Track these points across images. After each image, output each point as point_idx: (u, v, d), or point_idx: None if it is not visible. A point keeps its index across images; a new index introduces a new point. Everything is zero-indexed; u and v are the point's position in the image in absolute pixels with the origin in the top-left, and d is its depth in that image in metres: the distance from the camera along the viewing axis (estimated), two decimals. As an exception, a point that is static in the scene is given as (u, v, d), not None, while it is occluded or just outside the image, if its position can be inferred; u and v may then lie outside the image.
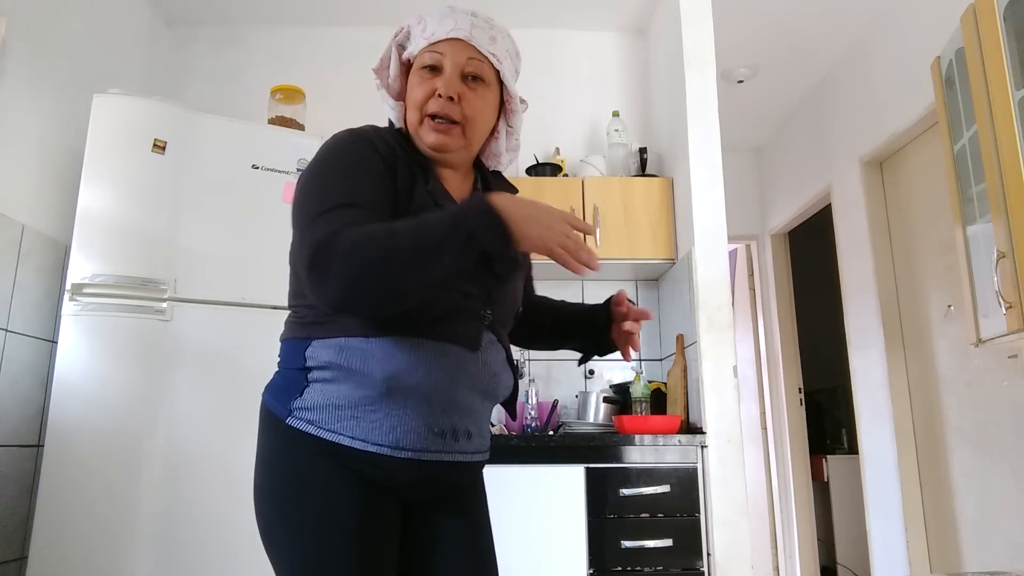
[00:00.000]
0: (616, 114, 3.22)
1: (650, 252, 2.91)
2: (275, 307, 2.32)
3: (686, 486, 2.44)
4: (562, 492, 2.42)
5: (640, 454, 2.46)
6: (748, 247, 4.89)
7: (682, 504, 2.43)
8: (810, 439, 4.49)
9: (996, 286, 2.03)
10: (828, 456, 4.63)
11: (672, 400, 2.80)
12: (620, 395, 2.85)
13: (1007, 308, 1.99)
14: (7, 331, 2.27)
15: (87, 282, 2.21)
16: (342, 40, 3.39)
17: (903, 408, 3.23)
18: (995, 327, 2.11)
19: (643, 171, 3.08)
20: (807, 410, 4.50)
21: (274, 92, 2.92)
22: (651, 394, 2.80)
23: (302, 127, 2.87)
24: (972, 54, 2.13)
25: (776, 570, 4.45)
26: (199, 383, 2.26)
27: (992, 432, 2.71)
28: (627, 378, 3.04)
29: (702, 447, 2.47)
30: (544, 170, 3.07)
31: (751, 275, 4.86)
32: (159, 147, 2.31)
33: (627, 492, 2.42)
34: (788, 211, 4.39)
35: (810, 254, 4.69)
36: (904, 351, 3.28)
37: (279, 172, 2.47)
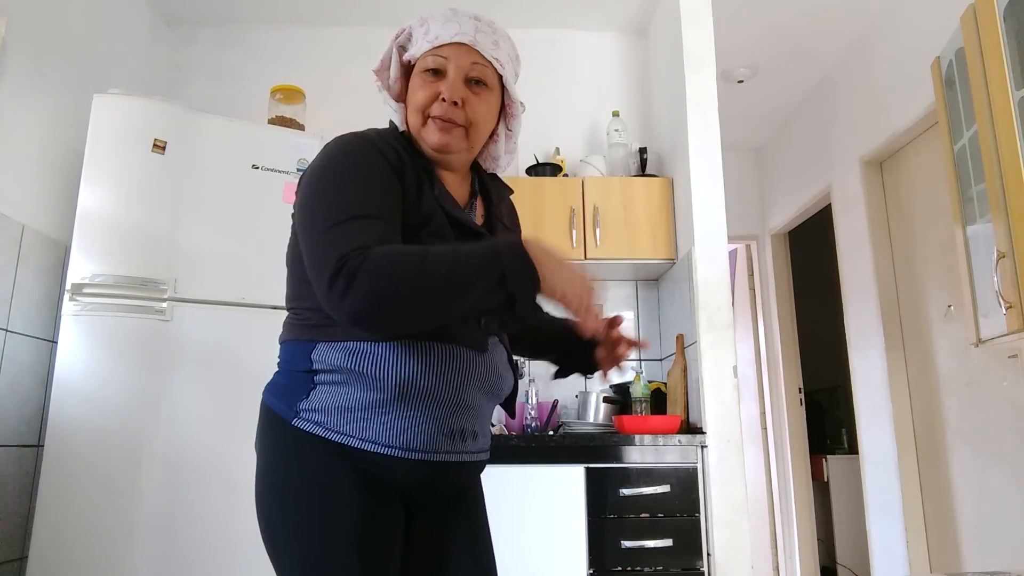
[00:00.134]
0: (616, 114, 3.22)
1: (650, 252, 2.91)
2: (275, 307, 2.32)
3: (686, 486, 2.44)
4: (562, 492, 2.42)
5: (640, 454, 2.46)
6: (748, 247, 4.89)
7: (682, 504, 2.43)
8: (810, 439, 4.49)
9: (996, 286, 2.03)
10: (828, 456, 4.63)
11: (672, 400, 2.80)
12: (620, 395, 2.85)
13: (1007, 308, 1.99)
14: (7, 331, 2.27)
15: (87, 282, 2.21)
16: (342, 40, 3.40)
17: (903, 408, 3.24)
18: (995, 327, 2.11)
19: (643, 171, 3.08)
20: (807, 410, 4.50)
21: (274, 92, 2.92)
22: (651, 394, 2.80)
23: (302, 127, 2.87)
24: (972, 54, 2.13)
25: (776, 570, 4.45)
26: (199, 383, 2.26)
27: (992, 432, 2.71)
28: (627, 378, 3.04)
29: (702, 447, 2.47)
30: (544, 170, 3.07)
31: (751, 275, 4.86)
32: (159, 147, 2.31)
33: (627, 492, 2.42)
34: (788, 211, 4.40)
35: (810, 254, 4.69)
36: (904, 351, 3.28)
37: (279, 172, 2.47)
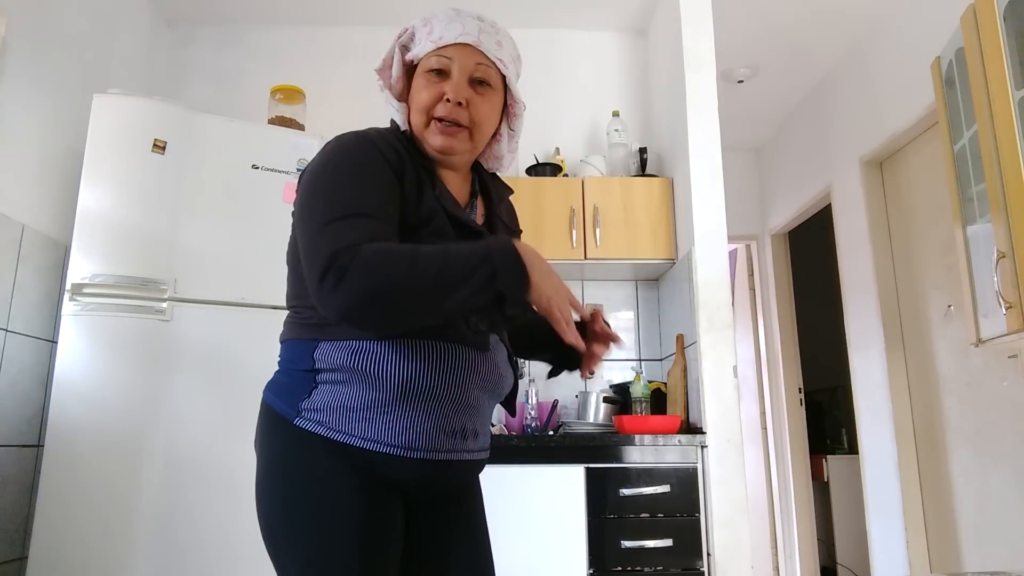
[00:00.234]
0: (616, 114, 3.22)
1: (650, 252, 2.91)
2: (275, 307, 2.32)
3: (686, 486, 2.44)
4: (562, 492, 2.42)
5: (640, 454, 2.46)
6: (748, 247, 4.89)
7: (682, 504, 2.43)
8: (810, 439, 4.49)
9: (996, 286, 2.03)
10: (828, 456, 4.63)
11: (672, 400, 2.80)
12: (620, 395, 2.85)
13: (1007, 308, 1.99)
14: (7, 331, 2.27)
15: (87, 282, 2.21)
16: (342, 40, 3.39)
17: (903, 408, 3.24)
18: (995, 327, 2.11)
19: (643, 171, 3.08)
20: (807, 410, 4.50)
21: (274, 92, 2.92)
22: (651, 394, 2.80)
23: (302, 127, 2.87)
24: (972, 54, 2.13)
25: (776, 570, 4.45)
26: (199, 383, 2.26)
27: (992, 432, 2.71)
28: (627, 378, 3.04)
29: (702, 447, 2.48)
30: (544, 170, 3.07)
31: (751, 275, 4.86)
32: (159, 147, 2.31)
33: (627, 492, 2.42)
34: (788, 211, 4.40)
35: (810, 254, 4.69)
36: (904, 351, 3.28)
37: (279, 172, 2.47)
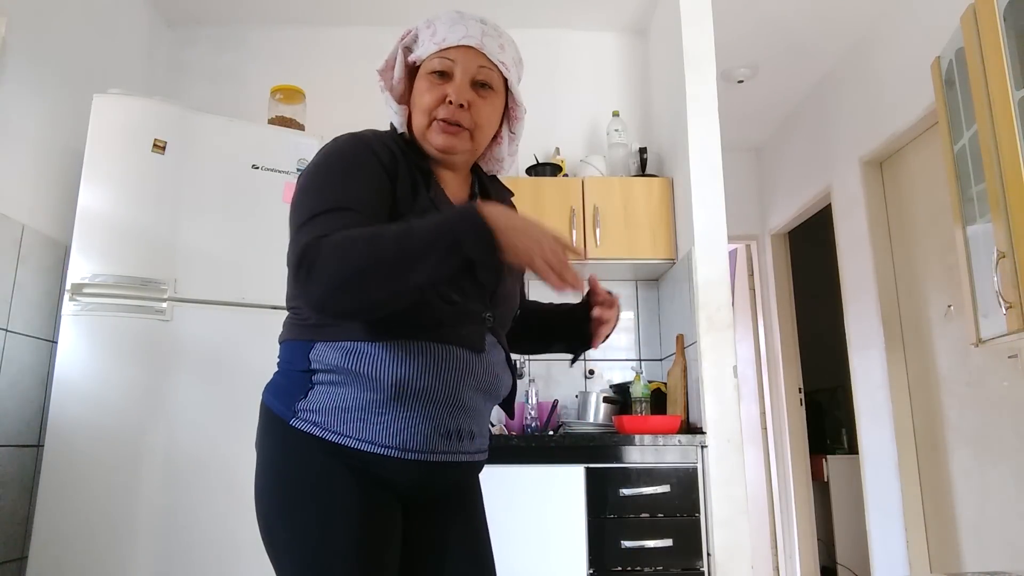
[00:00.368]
0: (616, 114, 3.22)
1: (650, 252, 2.91)
2: (275, 307, 2.32)
3: (686, 486, 2.44)
4: (562, 492, 2.42)
5: (640, 454, 2.46)
6: (748, 247, 4.89)
7: (682, 504, 2.43)
8: (810, 439, 4.49)
9: (996, 286, 2.03)
10: (828, 456, 4.63)
11: (672, 400, 2.80)
12: (620, 395, 2.85)
13: (1007, 308, 1.99)
14: (7, 331, 2.27)
15: (87, 282, 2.21)
16: (342, 40, 3.39)
17: (903, 408, 3.23)
18: (995, 327, 2.11)
19: (643, 171, 3.08)
20: (807, 410, 4.50)
21: (274, 92, 2.92)
22: (651, 394, 2.80)
23: (302, 127, 2.87)
24: (972, 54, 2.13)
25: (776, 570, 4.45)
26: (199, 383, 2.26)
27: (992, 432, 2.71)
28: (627, 378, 3.04)
29: (702, 447, 2.47)
30: (544, 170, 3.07)
31: (751, 275, 4.86)
32: (159, 147, 2.31)
33: (627, 492, 2.42)
34: (788, 211, 4.40)
35: (810, 254, 4.69)
36: (904, 351, 3.28)
37: (279, 172, 2.47)
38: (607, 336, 1.28)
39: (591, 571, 2.36)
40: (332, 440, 1.05)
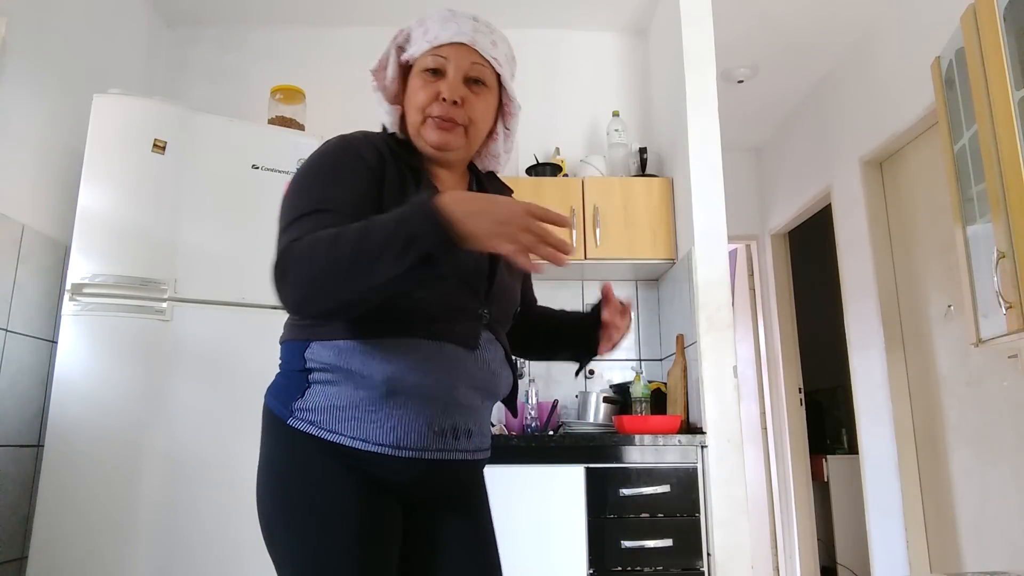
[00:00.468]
0: (616, 114, 3.22)
1: (650, 252, 2.91)
2: (275, 307, 2.28)
3: (686, 486, 2.44)
4: (562, 492, 2.42)
5: (640, 454, 2.46)
6: (748, 247, 4.89)
7: (682, 504, 2.43)
8: (810, 439, 4.49)
9: (996, 286, 2.03)
10: (828, 456, 4.63)
11: (672, 400, 2.80)
12: (620, 395, 2.85)
13: (1007, 308, 1.99)
14: (7, 331, 2.27)
15: (87, 282, 2.21)
16: (342, 40, 3.39)
17: (903, 408, 3.23)
18: (995, 327, 2.11)
19: (643, 171, 3.08)
20: (807, 410, 4.50)
21: (274, 92, 2.92)
22: (651, 394, 2.80)
23: (302, 127, 2.87)
24: (972, 54, 2.13)
25: (776, 570, 4.45)
26: (199, 383, 2.26)
27: (992, 432, 2.71)
28: (627, 378, 3.04)
29: (702, 447, 2.48)
30: (544, 170, 3.07)
31: (751, 275, 4.86)
32: (159, 147, 2.31)
33: (627, 492, 2.42)
34: (788, 211, 4.40)
35: (810, 254, 4.69)
36: (904, 351, 3.28)
37: (279, 172, 2.47)
38: (616, 344, 1.27)
39: (591, 571, 2.36)
40: (328, 439, 1.05)
